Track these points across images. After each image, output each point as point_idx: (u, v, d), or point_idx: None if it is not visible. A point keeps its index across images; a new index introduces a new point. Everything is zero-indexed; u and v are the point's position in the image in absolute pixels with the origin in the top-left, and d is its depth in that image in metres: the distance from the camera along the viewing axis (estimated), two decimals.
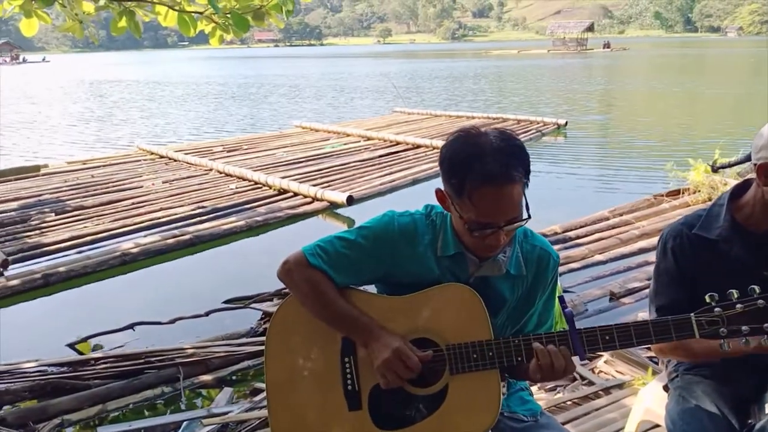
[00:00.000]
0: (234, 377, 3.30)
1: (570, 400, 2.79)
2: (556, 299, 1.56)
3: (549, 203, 6.45)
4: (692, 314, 1.38)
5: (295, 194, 6.88)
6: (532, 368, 1.42)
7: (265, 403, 2.90)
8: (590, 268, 4.70)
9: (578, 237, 5.32)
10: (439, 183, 1.47)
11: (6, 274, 4.69)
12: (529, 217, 1.41)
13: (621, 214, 5.83)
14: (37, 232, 5.65)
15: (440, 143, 9.19)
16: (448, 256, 1.51)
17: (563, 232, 5.37)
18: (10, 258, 4.88)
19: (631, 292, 4.16)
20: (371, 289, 1.63)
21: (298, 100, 21.10)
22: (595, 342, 1.42)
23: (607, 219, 5.74)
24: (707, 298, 1.37)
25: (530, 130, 11.26)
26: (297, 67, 47.92)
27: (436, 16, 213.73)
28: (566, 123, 11.91)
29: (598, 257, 4.87)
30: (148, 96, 24.74)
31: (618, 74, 31.30)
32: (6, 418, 2.85)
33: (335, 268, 1.52)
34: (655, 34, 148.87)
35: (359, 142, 10.37)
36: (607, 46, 61.10)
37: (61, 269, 4.68)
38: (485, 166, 1.33)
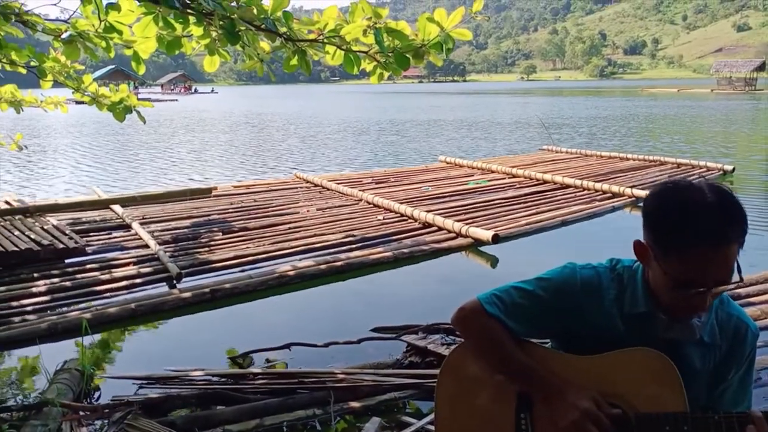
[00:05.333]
0: (374, 407, 3.31)
1: None
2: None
3: None
4: None
5: (440, 228, 6.92)
6: None
7: None
8: (764, 332, 4.24)
9: (749, 296, 4.83)
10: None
11: (179, 286, 5.13)
12: (741, 279, 1.31)
13: None
14: (206, 249, 6.13)
15: (591, 184, 9.01)
16: (636, 314, 1.42)
17: (732, 288, 4.91)
18: (183, 272, 5.36)
19: None
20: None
21: (442, 135, 21.34)
22: None
23: None
24: None
25: (692, 175, 10.50)
26: (441, 102, 48.65)
27: (584, 53, 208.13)
28: (734, 169, 10.96)
29: None
30: (303, 126, 26.28)
31: None
32: (176, 422, 3.08)
33: (512, 318, 1.48)
34: None
35: (504, 179, 10.25)
36: None
37: (227, 286, 5.03)
38: (701, 223, 1.25)
